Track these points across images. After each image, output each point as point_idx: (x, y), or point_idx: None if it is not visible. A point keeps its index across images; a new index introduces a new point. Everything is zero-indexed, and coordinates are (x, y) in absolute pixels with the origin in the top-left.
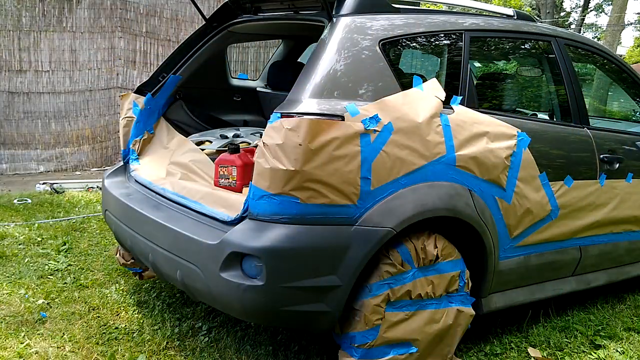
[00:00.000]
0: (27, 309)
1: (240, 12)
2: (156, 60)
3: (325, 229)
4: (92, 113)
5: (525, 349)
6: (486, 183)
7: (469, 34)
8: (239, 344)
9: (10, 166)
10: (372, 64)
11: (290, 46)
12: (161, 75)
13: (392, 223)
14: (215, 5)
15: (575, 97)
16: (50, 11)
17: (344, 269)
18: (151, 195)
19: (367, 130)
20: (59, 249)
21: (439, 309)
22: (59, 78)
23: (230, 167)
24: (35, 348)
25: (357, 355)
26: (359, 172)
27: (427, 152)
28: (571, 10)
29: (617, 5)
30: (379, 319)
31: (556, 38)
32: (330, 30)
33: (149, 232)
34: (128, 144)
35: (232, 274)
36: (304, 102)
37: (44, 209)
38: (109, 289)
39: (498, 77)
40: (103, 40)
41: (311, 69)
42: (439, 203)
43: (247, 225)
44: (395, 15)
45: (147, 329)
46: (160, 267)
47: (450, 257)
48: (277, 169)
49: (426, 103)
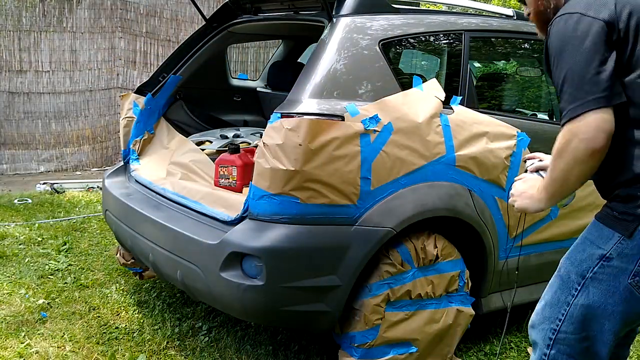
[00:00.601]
0: (28, 309)
1: (240, 13)
2: (156, 61)
3: (325, 229)
4: (92, 113)
5: (525, 349)
6: (486, 183)
7: (469, 34)
8: (239, 343)
9: (11, 166)
10: (372, 64)
11: (290, 46)
12: (161, 76)
13: (392, 223)
14: (215, 5)
15: None
16: (51, 11)
17: (344, 269)
18: (151, 195)
19: (367, 130)
20: (60, 249)
21: (439, 309)
22: (59, 78)
23: (230, 167)
24: (36, 348)
25: (357, 355)
26: (359, 172)
27: (427, 152)
28: None
29: None
30: (379, 319)
31: None
32: (330, 30)
33: (149, 232)
34: (128, 144)
35: (232, 274)
36: (304, 102)
37: (45, 209)
38: (110, 289)
39: (498, 77)
40: (103, 41)
41: (311, 69)
42: (439, 203)
43: (247, 225)
44: (395, 15)
45: (148, 329)
46: (160, 267)
47: (450, 257)
48: (277, 169)
49: (426, 103)
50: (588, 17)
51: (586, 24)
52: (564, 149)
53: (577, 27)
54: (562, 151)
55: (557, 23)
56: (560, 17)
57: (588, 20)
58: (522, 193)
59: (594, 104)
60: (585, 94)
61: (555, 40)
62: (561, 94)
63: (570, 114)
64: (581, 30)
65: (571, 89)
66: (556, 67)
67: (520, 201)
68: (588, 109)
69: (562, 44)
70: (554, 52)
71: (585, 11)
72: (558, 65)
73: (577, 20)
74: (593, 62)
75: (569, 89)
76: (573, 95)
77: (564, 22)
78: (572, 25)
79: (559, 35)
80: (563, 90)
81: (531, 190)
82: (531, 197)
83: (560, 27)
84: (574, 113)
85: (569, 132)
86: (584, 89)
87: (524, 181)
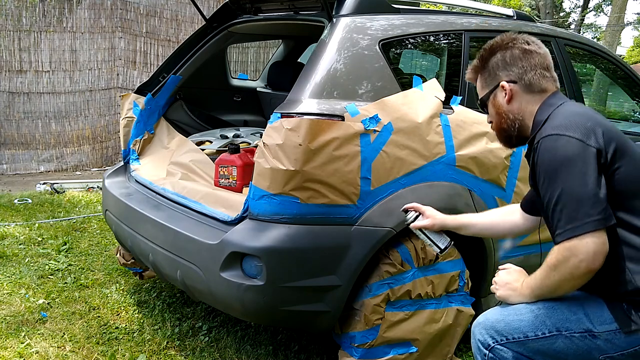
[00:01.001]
0: (28, 309)
1: (240, 13)
2: (156, 61)
3: (325, 229)
4: (92, 113)
5: None
6: (486, 183)
7: (469, 34)
8: (239, 343)
9: (11, 166)
10: (372, 64)
11: (290, 46)
12: (161, 76)
13: (392, 223)
14: (215, 5)
15: (575, 98)
16: (51, 11)
17: (343, 269)
18: (151, 195)
19: (367, 130)
20: (60, 249)
21: (439, 309)
22: (59, 78)
23: (230, 167)
24: (36, 348)
25: (357, 355)
26: (359, 172)
27: (426, 152)
28: (570, 10)
29: (617, 6)
30: (379, 319)
31: (556, 38)
32: (330, 30)
33: (149, 232)
34: (128, 144)
35: (232, 274)
36: (304, 102)
37: (45, 209)
38: (110, 289)
39: None
40: (103, 41)
41: (311, 69)
42: (439, 203)
43: (247, 225)
44: (395, 15)
45: (148, 329)
46: (160, 267)
47: (450, 257)
48: (277, 169)
49: (426, 103)
50: (581, 142)
51: (579, 147)
52: (561, 264)
53: (571, 150)
54: (558, 266)
55: (548, 142)
56: (550, 136)
57: (581, 145)
58: (506, 284)
59: (592, 227)
60: (583, 216)
61: (547, 159)
62: (553, 211)
63: (569, 233)
64: (576, 153)
65: (568, 210)
66: (548, 185)
67: (503, 291)
68: (587, 231)
69: (556, 164)
70: (544, 170)
71: (576, 135)
72: (550, 184)
73: (571, 144)
74: (589, 186)
75: (566, 210)
76: (571, 216)
77: (553, 142)
78: (566, 147)
79: (551, 155)
80: (557, 209)
81: (515, 283)
82: (514, 290)
83: (552, 147)
84: (573, 233)
85: (567, 250)
86: (582, 211)
87: (509, 273)
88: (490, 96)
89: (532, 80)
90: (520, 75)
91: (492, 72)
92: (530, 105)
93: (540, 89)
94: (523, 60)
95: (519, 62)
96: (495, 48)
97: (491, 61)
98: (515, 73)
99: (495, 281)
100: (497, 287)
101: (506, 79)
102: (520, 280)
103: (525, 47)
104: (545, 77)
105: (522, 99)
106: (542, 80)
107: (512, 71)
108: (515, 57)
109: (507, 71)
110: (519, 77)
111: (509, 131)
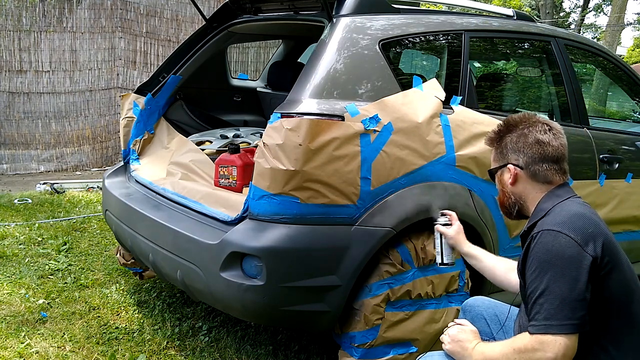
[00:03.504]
0: (28, 309)
1: (240, 13)
2: (156, 61)
3: (325, 229)
4: (92, 113)
5: None
6: (486, 183)
7: (469, 34)
8: (239, 343)
9: (11, 166)
10: (372, 64)
11: (290, 46)
12: (161, 76)
13: (392, 223)
14: (215, 5)
15: (574, 97)
16: (51, 11)
17: (343, 269)
18: (151, 195)
19: (367, 130)
20: (60, 249)
21: (439, 309)
22: (59, 78)
23: (230, 167)
24: (36, 348)
25: (357, 355)
26: (359, 172)
27: (426, 152)
28: (570, 10)
29: (617, 6)
30: (379, 319)
31: (556, 38)
32: (330, 30)
33: (149, 232)
34: (128, 144)
35: (232, 274)
36: (304, 102)
37: (45, 209)
38: (110, 289)
39: (498, 78)
40: (103, 41)
41: (311, 69)
42: (439, 203)
43: (247, 225)
44: (395, 15)
45: (148, 329)
46: (160, 267)
47: None
48: (277, 169)
49: (426, 103)
50: (579, 247)
51: (577, 252)
52: (528, 352)
53: (569, 252)
54: (525, 353)
55: (548, 236)
56: (551, 231)
57: (579, 250)
58: (458, 341)
59: (568, 329)
60: (562, 318)
61: (543, 252)
62: (535, 302)
63: (545, 329)
64: (572, 256)
65: (550, 306)
66: (537, 276)
67: (452, 347)
68: (563, 332)
69: (550, 260)
70: (537, 261)
71: (577, 239)
72: (539, 276)
73: (569, 245)
74: (575, 291)
75: (547, 305)
76: (551, 313)
77: (553, 238)
78: (564, 247)
79: (548, 249)
80: (539, 301)
81: (467, 344)
82: (463, 349)
83: (551, 242)
84: (549, 330)
85: (538, 343)
86: (563, 312)
87: (463, 331)
88: (497, 171)
89: (537, 172)
90: (527, 163)
91: (504, 150)
92: (534, 191)
93: (546, 180)
94: (533, 149)
95: (529, 150)
96: (512, 126)
97: (505, 139)
98: (522, 160)
99: (448, 333)
100: (447, 340)
101: (514, 162)
102: (472, 341)
103: (540, 137)
104: (552, 170)
105: (527, 184)
106: (548, 173)
107: (520, 157)
108: (527, 144)
109: (516, 155)
110: (526, 164)
111: (509, 209)
